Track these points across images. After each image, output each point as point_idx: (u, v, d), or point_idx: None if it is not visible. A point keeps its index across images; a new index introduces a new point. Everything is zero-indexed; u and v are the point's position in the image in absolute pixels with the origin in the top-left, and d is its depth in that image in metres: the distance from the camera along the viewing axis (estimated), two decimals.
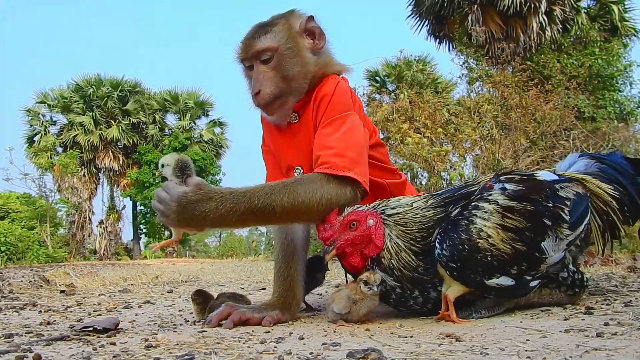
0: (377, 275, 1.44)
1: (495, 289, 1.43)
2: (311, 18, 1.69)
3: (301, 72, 1.63)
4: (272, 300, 1.63)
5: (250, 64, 1.66)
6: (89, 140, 19.17)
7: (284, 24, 1.65)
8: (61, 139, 19.43)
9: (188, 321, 1.67)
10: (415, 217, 1.47)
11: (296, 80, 1.63)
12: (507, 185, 1.47)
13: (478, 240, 1.39)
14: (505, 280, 1.42)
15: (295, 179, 1.52)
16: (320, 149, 1.52)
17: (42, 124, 19.49)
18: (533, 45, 10.89)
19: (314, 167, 1.52)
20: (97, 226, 19.56)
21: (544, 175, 1.57)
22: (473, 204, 1.45)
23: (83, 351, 1.19)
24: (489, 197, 1.45)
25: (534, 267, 1.44)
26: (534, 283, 1.47)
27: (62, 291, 2.96)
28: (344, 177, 1.47)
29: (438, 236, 1.42)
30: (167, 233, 20.82)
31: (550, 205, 1.47)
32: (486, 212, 1.41)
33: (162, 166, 1.48)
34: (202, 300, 1.69)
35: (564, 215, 1.48)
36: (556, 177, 1.57)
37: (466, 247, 1.38)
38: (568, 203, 1.51)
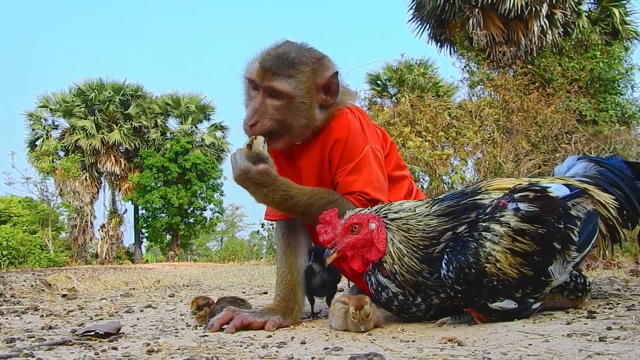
0: (366, 308, 1.41)
1: (497, 312, 1.42)
2: (336, 74, 1.66)
3: (303, 124, 1.64)
4: (274, 305, 1.63)
5: (257, 88, 1.64)
6: (90, 144, 19.19)
7: (310, 75, 1.61)
8: (63, 143, 19.45)
9: (190, 325, 1.67)
10: (418, 224, 1.46)
11: (295, 129, 1.64)
12: (520, 205, 1.43)
13: (486, 265, 1.37)
14: (508, 304, 1.41)
15: (334, 199, 1.60)
16: (352, 188, 1.63)
17: (44, 128, 19.51)
18: (534, 48, 10.89)
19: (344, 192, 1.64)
20: (98, 230, 19.58)
21: (557, 190, 1.52)
22: (484, 224, 1.41)
23: (85, 356, 1.19)
24: (501, 219, 1.41)
25: (538, 290, 1.43)
26: (536, 305, 1.46)
27: (63, 295, 2.96)
28: None
29: (445, 256, 1.41)
30: (168, 237, 20.84)
31: (562, 226, 1.44)
32: (497, 235, 1.39)
33: (247, 143, 1.55)
34: (205, 305, 1.68)
35: (573, 236, 1.46)
36: (568, 192, 1.53)
37: (473, 270, 1.37)
38: (578, 223, 1.48)
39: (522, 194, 1.47)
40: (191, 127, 20.79)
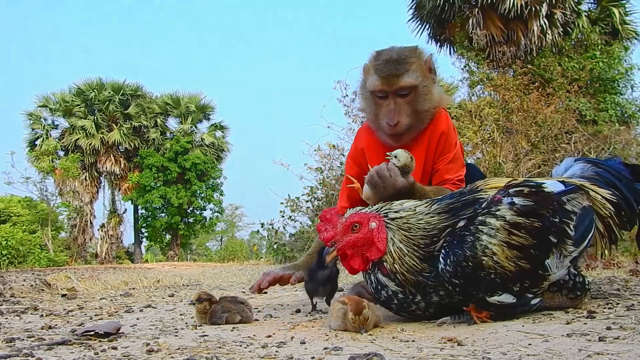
0: (365, 312, 1.40)
1: (495, 306, 1.42)
2: (431, 56, 1.93)
3: (430, 107, 1.89)
4: (300, 261, 2.02)
5: (385, 95, 1.87)
6: (90, 144, 19.20)
7: (419, 63, 1.88)
8: (63, 143, 19.45)
9: (189, 325, 1.67)
10: (419, 223, 1.46)
11: (424, 114, 1.89)
12: (515, 200, 1.44)
13: (483, 258, 1.38)
14: (506, 298, 1.41)
15: (444, 190, 1.82)
16: (449, 174, 1.92)
17: (43, 127, 19.51)
18: (534, 48, 10.88)
19: (443, 183, 1.91)
20: (98, 230, 19.60)
21: (552, 185, 1.53)
22: (480, 218, 1.42)
23: (85, 355, 1.19)
24: (497, 213, 1.42)
25: (536, 284, 1.44)
26: (535, 301, 1.46)
27: (63, 295, 2.96)
28: None
29: (443, 250, 1.41)
30: (168, 237, 20.86)
31: (557, 220, 1.45)
32: (493, 229, 1.40)
33: (395, 157, 1.69)
34: (206, 299, 1.67)
35: (569, 231, 1.46)
36: (563, 188, 1.54)
37: (470, 264, 1.37)
38: (574, 217, 1.49)
39: (516, 189, 1.48)
40: (191, 127, 20.80)
